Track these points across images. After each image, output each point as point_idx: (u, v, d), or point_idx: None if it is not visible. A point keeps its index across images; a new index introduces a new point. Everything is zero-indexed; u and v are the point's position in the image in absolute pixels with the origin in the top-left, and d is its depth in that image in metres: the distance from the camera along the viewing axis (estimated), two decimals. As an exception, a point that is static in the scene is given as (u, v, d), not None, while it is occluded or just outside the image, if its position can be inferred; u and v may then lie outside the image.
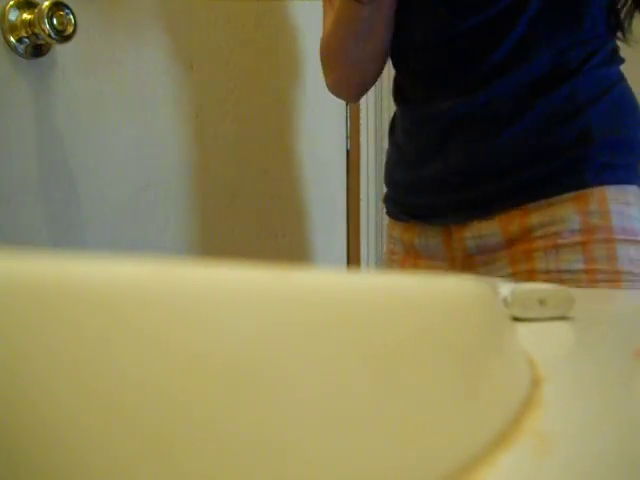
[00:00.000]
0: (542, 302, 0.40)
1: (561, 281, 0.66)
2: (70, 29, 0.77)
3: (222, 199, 1.05)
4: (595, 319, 0.44)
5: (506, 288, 0.40)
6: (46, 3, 0.76)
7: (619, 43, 0.74)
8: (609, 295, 0.64)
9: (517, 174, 0.70)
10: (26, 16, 0.77)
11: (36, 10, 0.76)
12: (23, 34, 0.77)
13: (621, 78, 0.73)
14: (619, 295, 0.65)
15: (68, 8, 0.77)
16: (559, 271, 0.68)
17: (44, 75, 0.81)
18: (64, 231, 0.85)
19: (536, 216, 0.69)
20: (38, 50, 0.80)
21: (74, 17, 0.77)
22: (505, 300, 0.39)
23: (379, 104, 1.29)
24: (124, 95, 0.90)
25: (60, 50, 0.82)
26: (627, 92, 0.73)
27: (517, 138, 0.70)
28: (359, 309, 0.16)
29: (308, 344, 0.14)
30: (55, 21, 0.76)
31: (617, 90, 0.72)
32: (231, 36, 1.04)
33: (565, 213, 0.68)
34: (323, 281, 0.17)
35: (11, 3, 0.77)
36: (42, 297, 0.11)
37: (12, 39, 0.77)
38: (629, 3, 0.70)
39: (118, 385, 0.11)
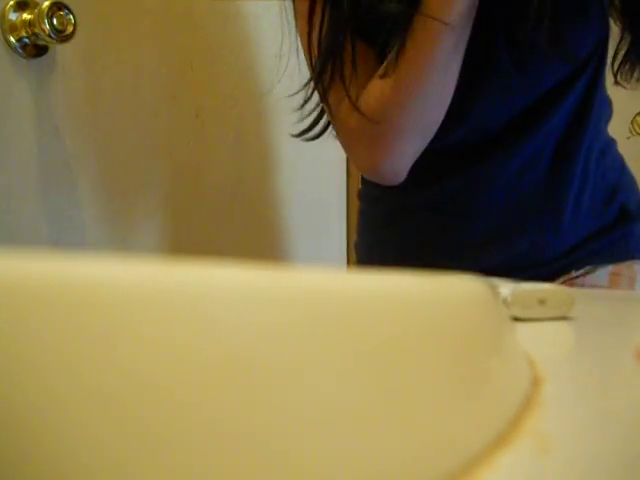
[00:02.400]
0: (542, 302, 0.40)
1: None
2: (70, 29, 0.77)
3: (222, 199, 1.05)
4: (595, 319, 0.44)
5: (506, 288, 0.40)
6: (46, 3, 0.76)
7: None
8: (609, 295, 0.64)
9: (575, 254, 0.75)
10: (26, 16, 0.77)
11: (36, 10, 0.76)
12: (23, 34, 0.77)
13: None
14: (619, 295, 0.65)
15: (68, 8, 0.77)
16: None
17: (44, 75, 0.81)
18: (64, 231, 0.85)
19: (575, 273, 0.75)
20: (38, 50, 0.80)
21: (74, 17, 0.77)
22: (505, 300, 0.39)
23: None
24: (124, 95, 0.90)
25: (60, 50, 0.82)
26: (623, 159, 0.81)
27: (577, 226, 0.74)
28: (359, 309, 0.16)
29: (307, 344, 0.14)
30: (55, 21, 0.75)
31: (623, 161, 0.80)
32: (231, 36, 1.04)
33: (599, 270, 0.75)
34: (323, 281, 0.17)
35: (11, 3, 0.77)
36: (42, 297, 0.11)
37: (12, 39, 0.77)
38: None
39: (118, 385, 0.11)
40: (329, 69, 0.65)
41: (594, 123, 0.72)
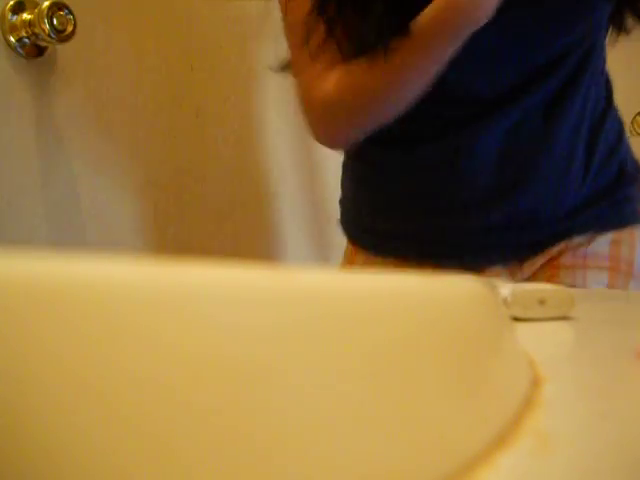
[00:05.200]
0: (542, 302, 0.40)
1: None
2: (70, 29, 0.77)
3: (222, 199, 1.05)
4: (595, 319, 0.43)
5: (506, 288, 0.40)
6: (46, 3, 0.75)
7: None
8: (609, 295, 0.64)
9: (577, 217, 0.74)
10: (26, 16, 0.77)
11: (36, 10, 0.76)
12: (23, 34, 0.77)
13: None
14: (619, 295, 0.66)
15: (68, 8, 0.77)
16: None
17: (44, 75, 0.81)
18: (64, 231, 0.85)
19: (577, 239, 0.75)
20: (38, 50, 0.80)
21: (74, 17, 0.77)
22: (505, 300, 0.39)
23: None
24: (124, 95, 0.90)
25: (60, 50, 0.82)
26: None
27: (581, 184, 0.74)
28: (359, 309, 0.16)
29: (307, 344, 0.14)
30: (55, 21, 0.75)
31: (622, 125, 0.80)
32: (231, 36, 1.04)
33: (601, 238, 0.75)
34: (323, 281, 0.17)
35: (11, 3, 0.77)
36: (42, 297, 0.11)
37: (12, 39, 0.77)
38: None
39: (117, 385, 0.11)
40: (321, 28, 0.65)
41: (589, 79, 0.72)
